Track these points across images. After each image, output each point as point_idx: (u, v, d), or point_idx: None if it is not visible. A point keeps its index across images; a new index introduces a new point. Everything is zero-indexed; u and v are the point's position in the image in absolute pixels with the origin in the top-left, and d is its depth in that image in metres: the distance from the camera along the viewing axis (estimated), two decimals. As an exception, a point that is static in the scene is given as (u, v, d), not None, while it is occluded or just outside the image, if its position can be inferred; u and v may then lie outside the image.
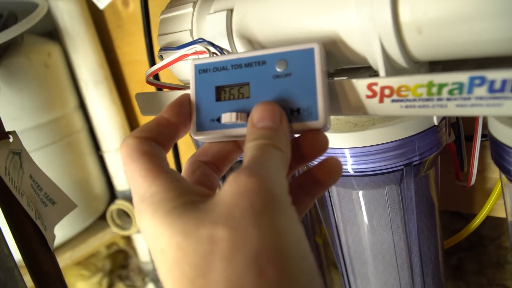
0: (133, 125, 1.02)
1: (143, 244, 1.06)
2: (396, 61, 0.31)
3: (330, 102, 0.29)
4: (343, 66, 0.39)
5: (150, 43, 0.63)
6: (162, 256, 0.22)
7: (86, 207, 0.97)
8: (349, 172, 0.41)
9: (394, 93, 0.27)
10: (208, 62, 0.31)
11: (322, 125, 0.28)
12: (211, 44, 0.36)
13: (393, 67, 0.32)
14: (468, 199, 0.59)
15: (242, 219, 0.21)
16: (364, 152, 0.39)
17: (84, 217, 0.96)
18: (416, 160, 0.40)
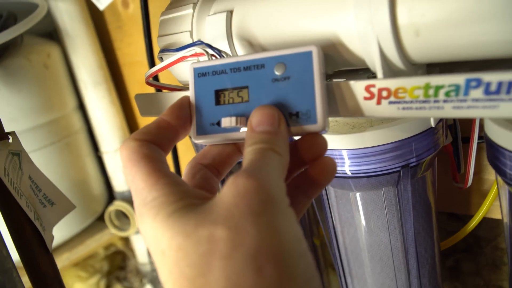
0: (132, 126, 1.02)
1: (141, 246, 1.06)
2: (394, 63, 0.32)
3: (328, 104, 0.30)
4: (342, 68, 0.40)
5: (150, 44, 0.63)
6: (163, 258, 0.22)
7: (85, 208, 0.97)
8: (347, 174, 0.41)
9: (392, 95, 0.28)
10: (207, 66, 0.31)
11: (321, 128, 0.28)
12: (210, 47, 0.36)
13: (391, 69, 0.32)
14: (465, 201, 0.59)
15: (241, 219, 0.21)
16: (362, 154, 0.39)
17: (82, 218, 0.96)
18: (413, 162, 0.40)
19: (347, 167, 0.41)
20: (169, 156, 0.73)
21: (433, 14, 0.28)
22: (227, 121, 0.29)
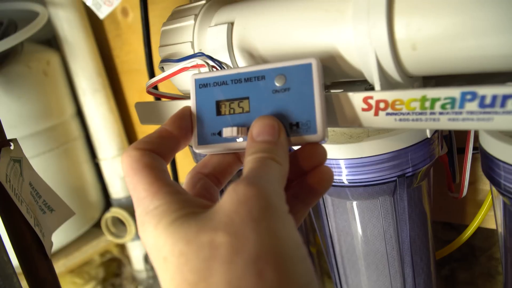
0: (130, 134, 1.02)
1: (137, 253, 1.06)
2: (391, 76, 0.33)
3: (327, 115, 0.30)
4: (340, 79, 0.40)
5: (150, 53, 0.64)
6: (165, 264, 0.22)
7: (81, 215, 0.96)
8: (344, 183, 0.42)
9: (389, 107, 0.28)
10: (208, 77, 0.32)
11: (321, 138, 0.28)
12: (210, 58, 0.36)
13: (388, 81, 0.33)
14: (460, 210, 0.59)
15: (241, 225, 0.21)
16: (359, 163, 0.40)
17: (79, 225, 0.96)
18: (409, 172, 0.41)
19: (344, 176, 0.41)
20: (168, 165, 0.73)
21: (429, 29, 0.28)
22: (229, 131, 0.30)
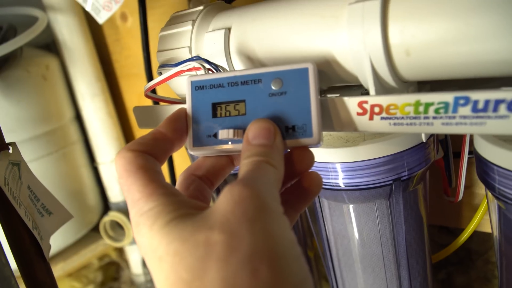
0: (129, 138, 1.03)
1: (135, 256, 1.06)
2: (386, 81, 0.33)
3: (323, 119, 0.31)
4: (336, 84, 0.41)
5: (148, 57, 0.64)
6: (160, 264, 0.23)
7: (80, 219, 0.97)
8: (340, 186, 0.42)
9: (383, 111, 0.29)
10: (205, 79, 0.32)
11: (316, 142, 0.29)
12: (207, 61, 0.37)
13: (383, 86, 0.34)
14: (456, 214, 0.60)
15: (237, 225, 0.22)
16: (355, 167, 0.40)
17: (78, 229, 0.96)
18: (405, 175, 0.41)
19: (341, 180, 0.42)
20: (166, 168, 0.73)
21: (423, 35, 0.29)
22: (225, 133, 0.30)
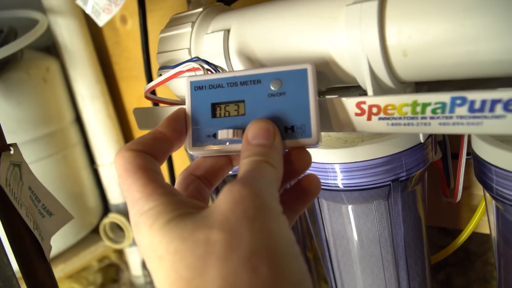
0: (128, 140, 1.03)
1: (135, 258, 1.06)
2: (383, 81, 0.33)
3: (321, 119, 0.31)
4: (334, 85, 0.41)
5: (148, 59, 0.65)
6: (160, 263, 0.23)
7: (80, 220, 0.97)
8: (339, 187, 0.43)
9: (381, 112, 0.29)
10: (204, 80, 0.32)
11: (315, 142, 0.29)
12: (206, 62, 0.37)
13: (381, 87, 0.34)
14: (455, 215, 0.60)
15: (237, 223, 0.22)
16: (354, 168, 0.41)
17: (78, 230, 0.97)
18: (403, 176, 0.41)
19: (340, 181, 0.42)
20: (165, 169, 0.74)
21: (420, 36, 0.29)
22: (224, 133, 0.30)
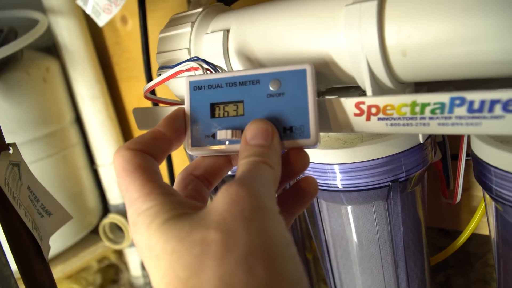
0: (128, 140, 1.03)
1: (134, 259, 1.06)
2: (383, 82, 0.33)
3: (320, 120, 0.31)
4: (334, 85, 0.41)
5: (148, 60, 0.65)
6: (157, 262, 0.23)
7: (79, 221, 0.97)
8: (338, 187, 0.42)
9: (380, 112, 0.29)
10: (203, 80, 0.32)
11: (314, 143, 0.29)
12: (205, 62, 0.37)
13: (380, 87, 0.34)
14: (454, 216, 0.60)
15: (233, 223, 0.22)
16: (353, 168, 0.41)
17: (77, 231, 0.97)
18: (403, 177, 0.41)
19: (339, 181, 0.42)
20: (165, 169, 0.74)
21: (419, 36, 0.29)
22: (223, 134, 0.30)
